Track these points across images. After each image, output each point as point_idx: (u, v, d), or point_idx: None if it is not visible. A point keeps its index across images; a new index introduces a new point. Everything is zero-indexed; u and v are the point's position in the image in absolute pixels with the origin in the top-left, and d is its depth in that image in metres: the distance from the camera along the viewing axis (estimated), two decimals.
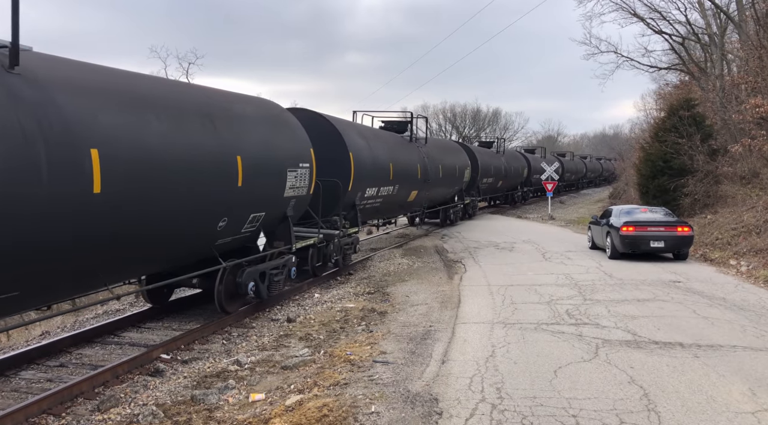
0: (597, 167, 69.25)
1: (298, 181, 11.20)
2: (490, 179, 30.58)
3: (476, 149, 30.01)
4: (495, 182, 32.06)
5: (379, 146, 16.49)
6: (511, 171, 34.89)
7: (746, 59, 22.39)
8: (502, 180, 32.96)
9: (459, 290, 11.87)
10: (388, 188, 16.90)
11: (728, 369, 6.86)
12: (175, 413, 6.30)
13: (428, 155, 20.40)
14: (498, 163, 32.02)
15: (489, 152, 32.53)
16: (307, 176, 11.55)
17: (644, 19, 28.30)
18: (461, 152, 26.53)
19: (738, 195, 19.59)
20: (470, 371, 6.80)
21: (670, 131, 22.71)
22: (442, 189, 22.57)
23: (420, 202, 20.55)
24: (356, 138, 15.07)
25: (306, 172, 11.46)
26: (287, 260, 11.48)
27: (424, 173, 19.67)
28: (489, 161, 30.44)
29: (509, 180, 35.17)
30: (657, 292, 11.37)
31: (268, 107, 11.39)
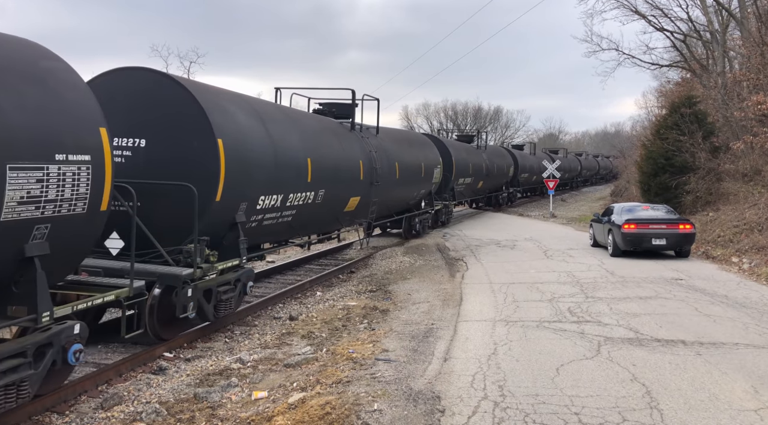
0: (593, 164, 66.15)
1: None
2: (468, 179, 26.01)
3: (451, 144, 24.68)
4: (474, 183, 27.50)
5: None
6: (495, 170, 30.29)
7: (748, 56, 22.35)
8: (482, 180, 28.57)
9: (461, 288, 11.88)
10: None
11: (731, 367, 6.86)
12: (178, 411, 6.32)
13: (379, 149, 15.58)
14: (478, 160, 27.55)
15: (467, 148, 27.96)
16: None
17: (645, 16, 28.31)
18: (430, 146, 20.92)
19: (740, 192, 19.57)
20: (472, 369, 6.81)
21: (672, 129, 22.68)
22: (401, 193, 17.70)
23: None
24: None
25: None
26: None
27: (370, 172, 14.65)
28: (467, 157, 25.77)
29: (492, 180, 30.67)
30: (659, 290, 11.37)
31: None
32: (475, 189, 28.68)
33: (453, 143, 26.71)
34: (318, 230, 13.98)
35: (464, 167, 25.12)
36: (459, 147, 26.13)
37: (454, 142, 27.82)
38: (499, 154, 33.92)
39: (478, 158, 28.07)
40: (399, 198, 17.91)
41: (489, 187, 31.37)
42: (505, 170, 33.50)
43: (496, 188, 33.46)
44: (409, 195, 18.79)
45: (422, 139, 21.86)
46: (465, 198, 28.47)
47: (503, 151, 36.29)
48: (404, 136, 20.96)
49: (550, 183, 30.88)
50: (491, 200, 33.61)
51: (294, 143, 11.21)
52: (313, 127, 12.77)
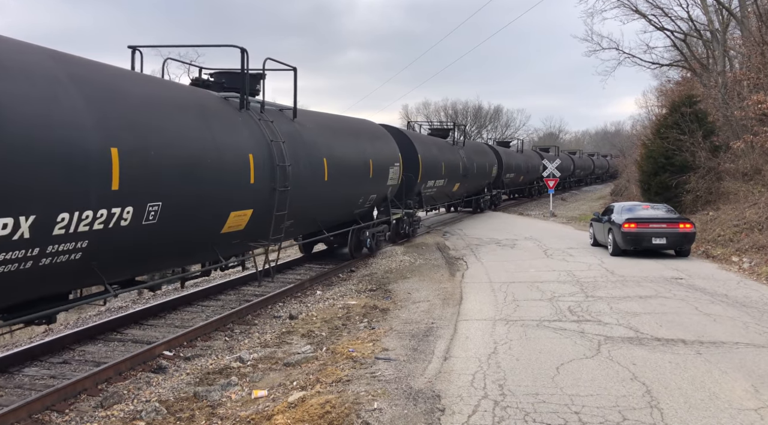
0: (588, 164, 61.81)
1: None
2: (440, 182, 21.75)
3: (417, 137, 21.60)
4: (448, 185, 23.05)
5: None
6: (474, 170, 26.16)
7: (748, 55, 22.33)
8: (459, 182, 24.42)
9: (461, 287, 11.88)
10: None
11: (731, 366, 6.86)
12: (177, 410, 6.32)
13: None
14: (453, 158, 23.47)
15: (440, 143, 23.44)
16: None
17: (646, 15, 28.27)
18: (386, 139, 18.13)
19: (740, 192, 19.56)
20: (472, 368, 6.81)
21: (672, 128, 22.67)
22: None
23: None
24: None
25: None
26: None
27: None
28: (438, 155, 21.63)
29: (471, 182, 26.44)
30: (659, 289, 11.36)
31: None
32: (450, 193, 24.20)
33: (421, 136, 22.71)
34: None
35: (434, 167, 20.84)
36: (428, 142, 22.00)
37: (423, 136, 23.63)
38: (480, 151, 29.05)
39: (454, 155, 23.68)
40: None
41: (468, 190, 26.77)
42: (487, 170, 28.87)
43: (476, 190, 28.80)
44: (349, 202, 14.47)
45: (373, 129, 17.29)
46: (437, 204, 24.50)
47: (485, 148, 31.41)
48: (342, 123, 15.22)
49: (550, 182, 30.91)
50: (471, 204, 29.26)
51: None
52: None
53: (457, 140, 25.97)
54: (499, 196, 33.39)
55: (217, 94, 10.01)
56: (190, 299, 11.76)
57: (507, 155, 33.92)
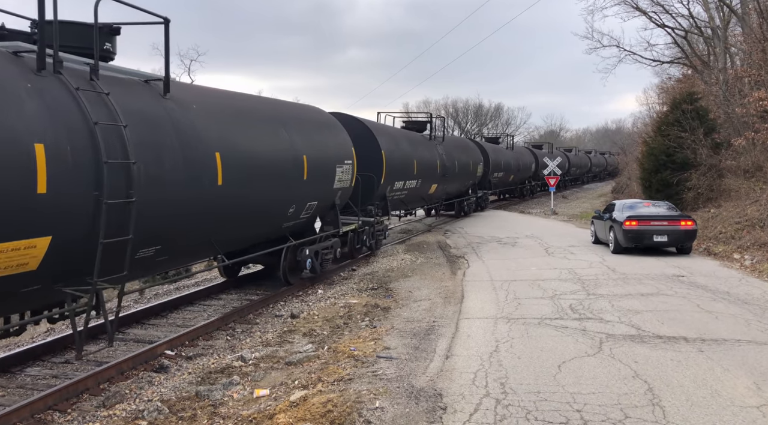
0: (584, 162, 59.11)
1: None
2: (411, 182, 18.73)
3: (380, 128, 17.83)
4: (422, 187, 20.01)
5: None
6: (455, 169, 22.99)
7: (749, 52, 22.30)
8: (437, 183, 21.32)
9: (462, 285, 11.88)
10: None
11: (733, 363, 6.85)
12: (179, 409, 6.32)
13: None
14: (429, 155, 20.38)
15: (412, 138, 19.88)
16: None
17: (646, 12, 28.22)
18: (334, 130, 14.60)
19: (741, 189, 19.54)
20: (474, 366, 6.80)
21: (673, 125, 22.64)
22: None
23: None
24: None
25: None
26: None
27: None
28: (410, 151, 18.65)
29: (451, 183, 23.09)
30: (660, 286, 11.36)
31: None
32: (426, 195, 21.03)
33: (387, 128, 18.81)
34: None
35: (404, 165, 17.70)
36: (397, 136, 18.67)
37: (391, 128, 19.59)
38: (463, 147, 25.54)
39: (431, 152, 20.48)
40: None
41: (448, 191, 23.39)
42: (471, 169, 25.66)
43: (459, 192, 25.40)
44: (269, 214, 10.82)
45: (313, 116, 13.51)
46: (409, 208, 21.25)
47: (469, 144, 27.80)
48: (258, 106, 11.36)
49: (551, 180, 30.90)
50: (454, 206, 26.12)
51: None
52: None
53: (435, 135, 21.94)
54: (486, 197, 29.69)
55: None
56: (192, 299, 11.77)
57: (495, 152, 30.78)
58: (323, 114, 14.26)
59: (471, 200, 27.44)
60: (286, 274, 12.15)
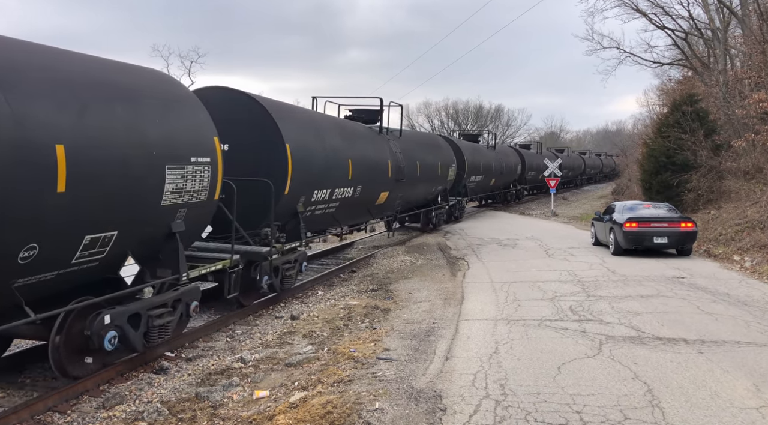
0: (578, 163, 55.16)
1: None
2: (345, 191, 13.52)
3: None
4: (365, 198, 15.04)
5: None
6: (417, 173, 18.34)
7: (749, 54, 22.33)
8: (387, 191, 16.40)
9: (462, 287, 11.88)
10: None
11: (732, 365, 6.85)
12: (179, 410, 6.32)
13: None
14: (376, 154, 15.68)
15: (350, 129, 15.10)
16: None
17: (647, 14, 28.27)
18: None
19: (742, 190, 19.55)
20: (474, 367, 6.81)
21: (673, 127, 22.66)
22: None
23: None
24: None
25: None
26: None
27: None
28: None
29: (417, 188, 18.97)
30: (660, 288, 11.36)
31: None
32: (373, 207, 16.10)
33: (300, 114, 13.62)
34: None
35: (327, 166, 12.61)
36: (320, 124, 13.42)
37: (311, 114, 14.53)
38: (429, 145, 21.41)
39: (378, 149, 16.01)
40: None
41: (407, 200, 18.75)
42: (441, 172, 21.12)
43: (424, 200, 20.86)
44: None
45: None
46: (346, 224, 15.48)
47: (438, 141, 23.20)
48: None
49: (551, 182, 30.92)
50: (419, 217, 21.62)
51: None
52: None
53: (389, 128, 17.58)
54: (462, 206, 25.51)
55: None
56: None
57: (473, 152, 26.30)
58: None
59: (441, 209, 22.04)
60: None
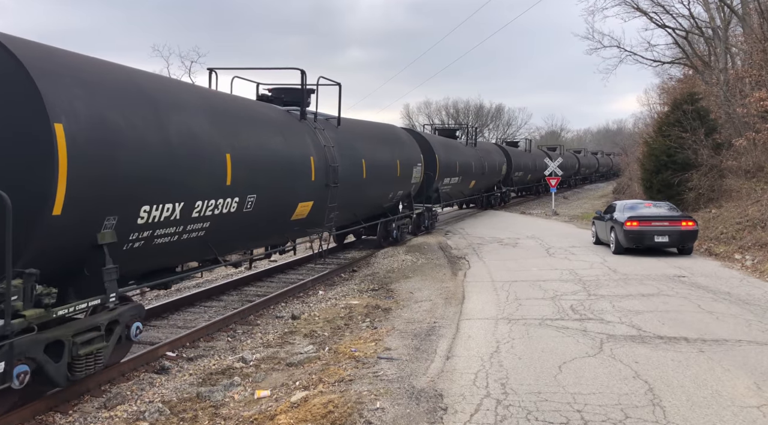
0: (572, 163, 50.01)
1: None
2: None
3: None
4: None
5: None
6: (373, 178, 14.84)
7: (750, 53, 22.29)
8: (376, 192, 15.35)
9: (463, 286, 11.88)
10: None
11: (733, 364, 6.85)
12: (181, 410, 6.33)
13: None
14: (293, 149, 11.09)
15: None
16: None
17: (647, 13, 28.22)
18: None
19: (743, 189, 19.54)
20: (475, 367, 6.81)
21: (674, 126, 22.65)
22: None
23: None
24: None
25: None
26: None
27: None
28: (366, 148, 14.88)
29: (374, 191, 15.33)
30: (661, 287, 11.35)
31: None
32: None
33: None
34: None
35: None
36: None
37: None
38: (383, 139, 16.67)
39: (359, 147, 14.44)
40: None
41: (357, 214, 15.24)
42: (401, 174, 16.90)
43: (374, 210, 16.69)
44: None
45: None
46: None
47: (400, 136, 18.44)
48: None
49: (552, 181, 30.91)
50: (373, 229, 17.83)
51: None
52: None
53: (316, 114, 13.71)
54: (433, 214, 21.71)
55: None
56: (193, 300, 11.77)
57: (447, 150, 22.81)
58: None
59: (404, 219, 18.63)
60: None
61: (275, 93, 12.69)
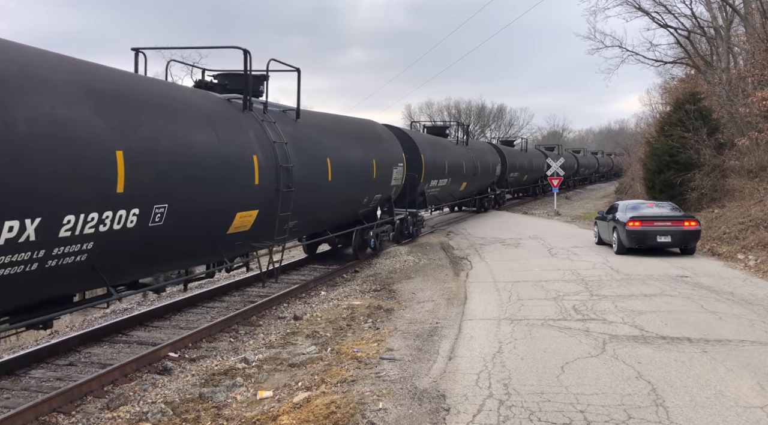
0: (570, 163, 45.14)
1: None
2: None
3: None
4: None
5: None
6: None
7: (752, 52, 22.26)
8: None
9: (465, 286, 11.87)
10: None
11: (736, 364, 6.84)
12: (183, 411, 6.34)
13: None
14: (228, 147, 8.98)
15: None
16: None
17: (649, 12, 28.16)
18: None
19: (745, 189, 19.51)
20: (477, 367, 6.80)
21: (676, 125, 22.61)
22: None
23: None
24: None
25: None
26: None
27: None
28: None
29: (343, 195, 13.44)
30: (664, 287, 11.33)
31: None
32: None
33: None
34: None
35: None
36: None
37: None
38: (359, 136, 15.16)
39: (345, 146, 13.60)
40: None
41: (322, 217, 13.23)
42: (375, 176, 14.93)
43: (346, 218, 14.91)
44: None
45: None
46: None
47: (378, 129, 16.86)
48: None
49: (554, 181, 30.89)
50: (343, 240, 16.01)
51: None
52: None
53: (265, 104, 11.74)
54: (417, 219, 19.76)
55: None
56: (195, 301, 11.79)
57: (434, 149, 20.85)
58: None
59: (384, 226, 16.85)
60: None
61: (220, 80, 10.69)
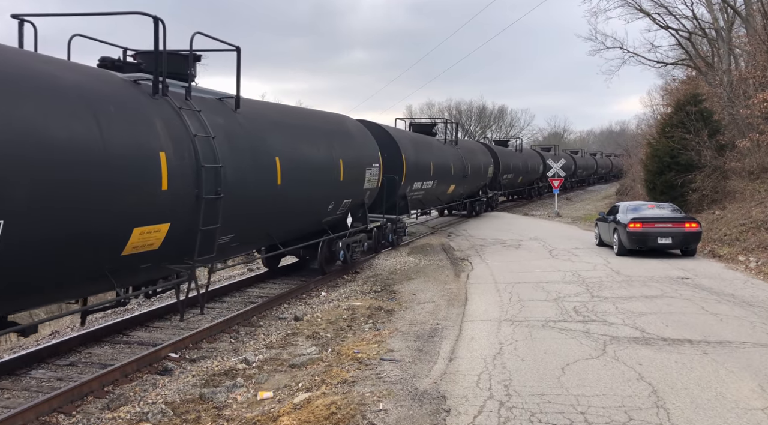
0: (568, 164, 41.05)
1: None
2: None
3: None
4: None
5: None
6: None
7: (754, 54, 22.26)
8: None
9: (466, 287, 11.87)
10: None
11: (737, 366, 6.83)
12: (183, 411, 6.34)
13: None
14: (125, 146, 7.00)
15: None
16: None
17: (650, 14, 28.19)
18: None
19: (746, 191, 19.49)
20: (478, 368, 6.80)
21: (677, 127, 22.60)
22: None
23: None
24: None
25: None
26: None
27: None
28: None
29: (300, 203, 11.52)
30: (665, 288, 11.33)
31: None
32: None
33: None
34: None
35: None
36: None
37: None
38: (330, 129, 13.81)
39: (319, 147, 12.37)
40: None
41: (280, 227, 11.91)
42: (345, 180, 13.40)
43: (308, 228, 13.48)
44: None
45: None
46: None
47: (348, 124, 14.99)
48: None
49: (555, 182, 30.90)
50: None
51: None
52: None
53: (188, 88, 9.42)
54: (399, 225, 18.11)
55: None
56: (195, 302, 11.78)
57: (417, 148, 18.98)
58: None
59: (358, 236, 14.83)
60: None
61: (139, 59, 8.71)
